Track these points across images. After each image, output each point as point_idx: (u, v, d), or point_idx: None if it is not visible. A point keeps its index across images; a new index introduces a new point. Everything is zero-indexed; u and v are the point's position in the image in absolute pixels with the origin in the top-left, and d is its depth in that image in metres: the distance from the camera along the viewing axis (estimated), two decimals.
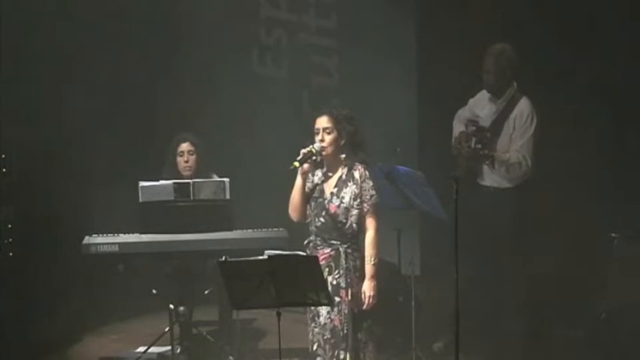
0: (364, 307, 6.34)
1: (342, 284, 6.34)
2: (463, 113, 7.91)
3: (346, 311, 6.31)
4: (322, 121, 6.41)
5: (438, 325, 8.09)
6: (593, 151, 8.55)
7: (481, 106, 7.84)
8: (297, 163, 6.32)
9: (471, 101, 7.94)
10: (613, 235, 7.70)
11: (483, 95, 7.85)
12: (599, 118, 8.53)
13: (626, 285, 7.58)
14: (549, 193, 8.36)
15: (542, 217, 8.22)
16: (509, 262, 7.70)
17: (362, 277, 6.39)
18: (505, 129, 7.65)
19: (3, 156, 8.45)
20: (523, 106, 7.65)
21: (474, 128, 7.64)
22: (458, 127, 7.84)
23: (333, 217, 6.38)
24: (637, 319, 7.45)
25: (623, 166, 8.43)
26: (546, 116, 7.76)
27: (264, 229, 7.73)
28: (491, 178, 7.71)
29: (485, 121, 7.72)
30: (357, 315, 6.35)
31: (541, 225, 8.21)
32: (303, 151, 6.36)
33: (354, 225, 6.38)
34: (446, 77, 8.86)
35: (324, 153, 6.40)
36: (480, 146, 7.47)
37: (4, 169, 8.45)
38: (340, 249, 6.36)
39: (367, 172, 6.41)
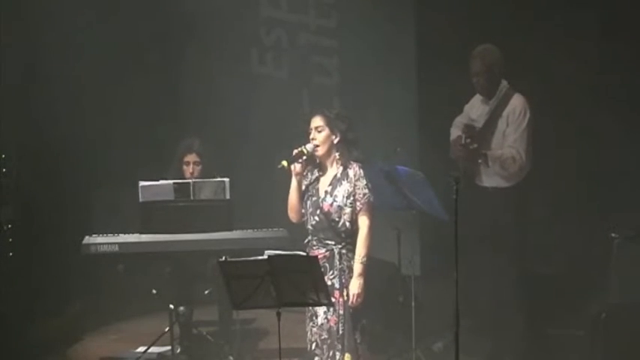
0: (349, 304, 6.34)
1: (337, 285, 6.34)
2: (460, 119, 7.93)
3: (341, 312, 6.32)
4: (315, 121, 6.48)
5: (438, 325, 8.09)
6: (593, 151, 8.55)
7: (475, 109, 7.85)
8: (285, 163, 6.36)
9: (466, 107, 7.97)
10: (613, 235, 7.70)
11: (476, 99, 7.88)
12: (599, 118, 8.53)
13: (626, 285, 7.57)
14: (549, 192, 8.36)
15: (541, 216, 8.22)
16: (508, 261, 7.70)
17: None
18: (499, 127, 7.66)
19: (3, 156, 8.46)
20: (516, 102, 7.66)
21: (470, 131, 7.65)
22: (455, 133, 7.86)
23: (326, 216, 6.39)
24: (637, 319, 7.45)
25: (623, 165, 8.43)
26: (546, 116, 7.76)
27: (264, 229, 7.73)
28: (489, 179, 7.71)
29: (479, 122, 7.74)
30: (354, 315, 6.36)
31: (541, 225, 8.22)
32: (295, 151, 6.39)
33: (347, 224, 6.38)
34: (446, 77, 8.85)
35: (317, 152, 6.43)
36: (469, 140, 7.48)
37: (4, 169, 8.46)
38: (335, 250, 6.38)
39: (361, 171, 6.43)
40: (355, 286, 6.35)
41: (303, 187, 6.49)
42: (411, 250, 7.87)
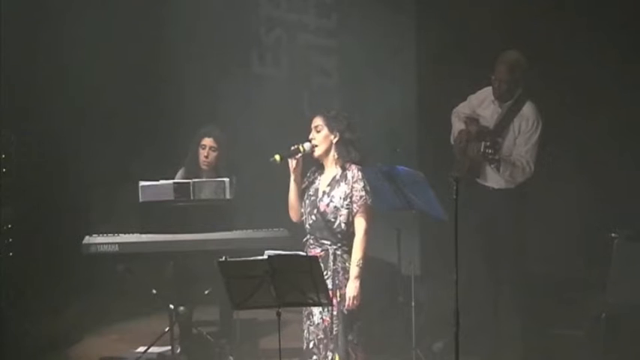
0: (346, 307, 6.32)
1: (330, 285, 6.30)
2: (462, 110, 7.90)
3: (335, 312, 6.31)
4: (314, 121, 6.49)
5: (438, 325, 8.09)
6: (594, 151, 8.55)
7: (484, 106, 7.82)
8: (277, 157, 6.38)
9: (472, 97, 7.91)
10: (613, 235, 7.69)
11: (487, 94, 7.82)
12: (599, 118, 8.53)
13: (626, 285, 7.57)
14: (549, 192, 8.36)
15: (541, 216, 8.22)
16: (508, 261, 7.70)
17: None
18: (510, 132, 7.66)
19: (3, 156, 8.46)
20: (528, 111, 7.64)
21: (477, 128, 7.64)
22: (458, 125, 7.83)
23: (322, 216, 6.38)
24: (637, 319, 7.46)
25: (623, 165, 8.43)
26: (546, 116, 7.76)
27: (264, 229, 7.73)
28: (491, 178, 7.71)
29: (488, 121, 7.72)
30: (348, 316, 6.35)
31: (541, 225, 8.21)
32: (292, 147, 6.40)
33: (343, 225, 6.36)
34: (446, 77, 8.86)
35: (315, 151, 6.43)
36: (490, 151, 7.45)
37: (4, 169, 8.46)
38: (330, 250, 6.37)
39: (360, 174, 6.40)
40: (352, 289, 6.32)
41: (303, 187, 6.49)
42: (411, 250, 7.87)
